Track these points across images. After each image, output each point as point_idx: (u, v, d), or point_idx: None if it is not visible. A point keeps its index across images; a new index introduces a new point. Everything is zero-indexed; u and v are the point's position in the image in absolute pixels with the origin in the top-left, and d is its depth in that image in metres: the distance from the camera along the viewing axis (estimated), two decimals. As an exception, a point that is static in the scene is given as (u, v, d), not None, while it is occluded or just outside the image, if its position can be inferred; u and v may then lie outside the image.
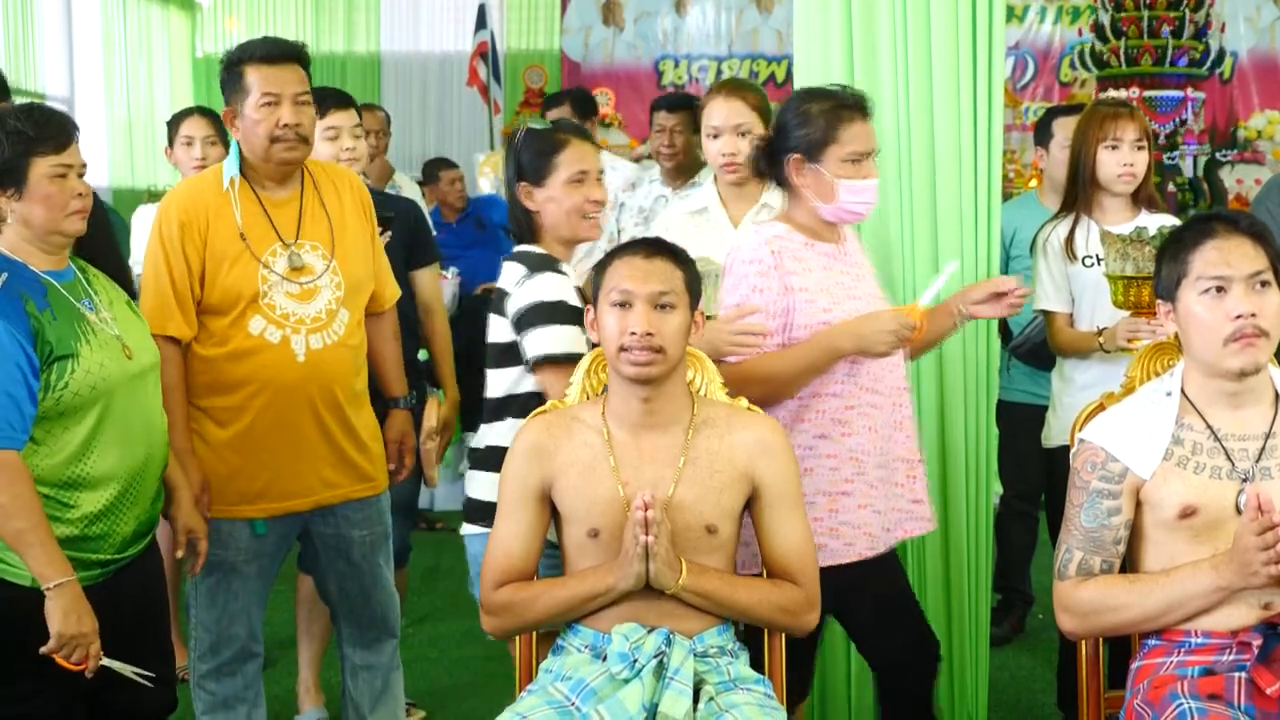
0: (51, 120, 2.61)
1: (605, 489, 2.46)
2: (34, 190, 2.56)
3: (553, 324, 2.77)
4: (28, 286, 2.56)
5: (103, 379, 2.58)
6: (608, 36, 10.29)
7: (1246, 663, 2.28)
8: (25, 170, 2.55)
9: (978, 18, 3.31)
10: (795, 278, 2.79)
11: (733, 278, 2.82)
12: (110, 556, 2.65)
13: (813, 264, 2.83)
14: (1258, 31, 9.62)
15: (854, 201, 2.82)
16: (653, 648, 2.37)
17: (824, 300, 2.80)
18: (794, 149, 2.82)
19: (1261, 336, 2.32)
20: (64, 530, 2.56)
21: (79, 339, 2.57)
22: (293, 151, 3.02)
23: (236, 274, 2.97)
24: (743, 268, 2.81)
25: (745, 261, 2.82)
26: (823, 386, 2.80)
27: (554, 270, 2.83)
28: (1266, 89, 9.61)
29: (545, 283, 2.80)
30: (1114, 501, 2.40)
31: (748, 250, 2.83)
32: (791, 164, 2.83)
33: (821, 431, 2.81)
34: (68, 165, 2.59)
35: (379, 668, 3.37)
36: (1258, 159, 9.43)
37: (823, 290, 2.81)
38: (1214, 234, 2.37)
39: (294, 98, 3.00)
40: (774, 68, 10.06)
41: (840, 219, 2.87)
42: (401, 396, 3.40)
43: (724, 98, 3.37)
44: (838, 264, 2.87)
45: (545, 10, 10.47)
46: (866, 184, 2.82)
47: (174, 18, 10.17)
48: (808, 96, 2.87)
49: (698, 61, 10.22)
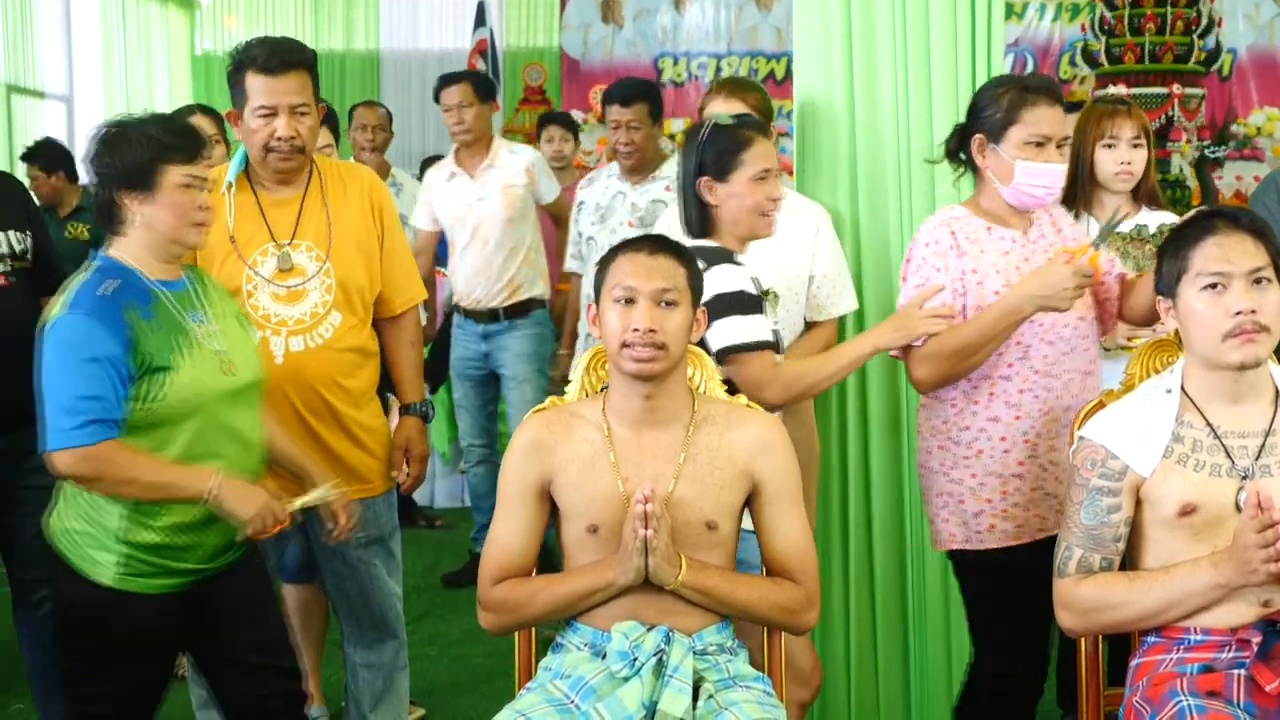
0: (185, 131, 2.66)
1: (605, 485, 2.46)
2: (163, 197, 2.59)
3: (734, 314, 2.79)
4: (135, 295, 2.58)
5: (197, 393, 2.58)
6: (607, 34, 10.27)
7: (1246, 660, 2.28)
8: (156, 176, 2.58)
9: (976, 15, 3.31)
10: (968, 259, 2.83)
11: (913, 261, 2.87)
12: (195, 566, 2.66)
13: (989, 247, 2.85)
14: (1256, 28, 9.61)
15: (1031, 184, 2.82)
16: (652, 646, 2.37)
17: (996, 283, 2.82)
18: (978, 130, 2.86)
19: (1261, 332, 2.32)
20: (149, 537, 2.58)
21: (177, 351, 2.57)
22: (287, 162, 3.02)
23: (223, 275, 2.98)
24: (921, 250, 2.86)
25: (923, 244, 2.87)
26: (994, 369, 2.83)
27: (730, 262, 2.84)
28: (1265, 86, 9.59)
29: (723, 274, 2.81)
30: (1114, 499, 2.40)
31: (926, 233, 2.88)
32: (975, 145, 2.87)
33: (994, 414, 2.84)
34: (198, 177, 2.62)
35: (380, 667, 3.37)
36: (1257, 156, 9.42)
37: (997, 273, 2.83)
38: (1215, 230, 2.38)
39: (291, 109, 2.98)
40: (773, 65, 10.05)
41: (1021, 203, 2.87)
42: (414, 403, 3.33)
43: (724, 97, 3.37)
44: (1020, 250, 2.88)
45: (544, 7, 10.46)
46: (1046, 168, 2.81)
47: (173, 15, 10.16)
48: (999, 80, 2.92)
49: (697, 59, 10.20)
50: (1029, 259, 2.87)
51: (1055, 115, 2.81)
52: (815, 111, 3.47)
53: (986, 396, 2.85)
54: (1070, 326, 2.87)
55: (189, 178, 2.60)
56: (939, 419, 2.91)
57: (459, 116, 5.06)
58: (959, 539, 2.90)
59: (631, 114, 4.61)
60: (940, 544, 2.96)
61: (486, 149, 5.11)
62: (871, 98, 3.38)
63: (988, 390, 2.85)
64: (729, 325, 2.79)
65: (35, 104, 8.72)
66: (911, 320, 2.80)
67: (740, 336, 2.79)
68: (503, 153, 5.13)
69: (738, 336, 2.79)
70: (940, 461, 2.91)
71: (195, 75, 10.30)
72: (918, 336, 2.81)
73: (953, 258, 2.83)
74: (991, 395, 2.85)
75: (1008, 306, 2.76)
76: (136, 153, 2.57)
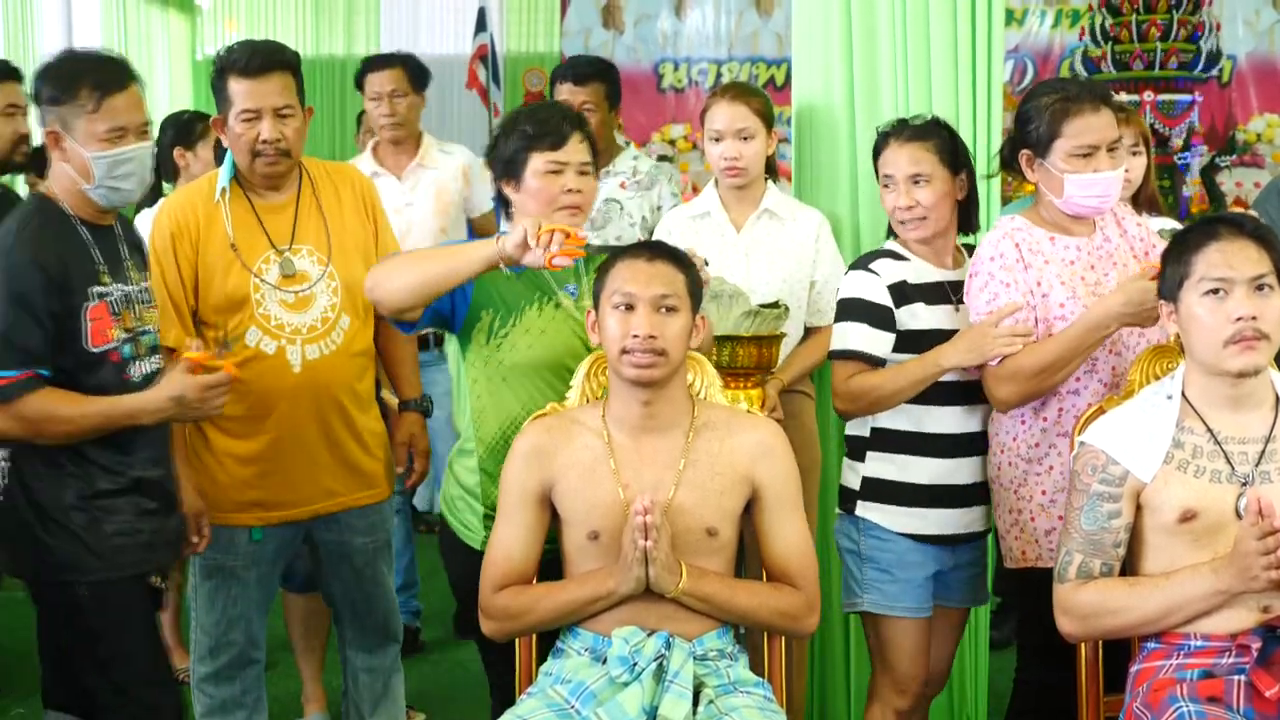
0: (550, 119, 2.77)
1: (605, 491, 2.46)
2: (528, 183, 2.73)
3: (846, 320, 2.83)
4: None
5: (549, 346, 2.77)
6: (607, 39, 10.26)
7: (1246, 665, 2.28)
8: (523, 164, 2.73)
9: (977, 21, 3.31)
10: (1033, 271, 2.76)
11: (979, 277, 2.79)
12: None
13: (1053, 258, 2.78)
14: (1257, 35, 9.60)
15: (1084, 196, 2.73)
16: (652, 651, 2.38)
17: (1061, 294, 2.75)
18: (1025, 145, 2.80)
19: (1262, 339, 2.32)
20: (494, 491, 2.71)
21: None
22: (274, 166, 3.00)
23: (230, 285, 2.97)
24: (987, 265, 2.78)
25: (988, 259, 2.79)
26: (1062, 384, 2.76)
27: (865, 269, 2.85)
28: (1266, 92, 9.58)
29: (852, 279, 2.86)
30: (1114, 504, 2.40)
31: (990, 246, 2.80)
32: (1024, 160, 2.81)
33: (1064, 430, 2.77)
34: (562, 162, 2.72)
35: (380, 671, 3.37)
36: (1257, 163, 9.42)
37: (1062, 284, 2.75)
38: (1218, 236, 2.38)
39: (275, 111, 2.96)
40: (774, 70, 10.04)
41: (1077, 213, 2.80)
42: (413, 399, 3.34)
43: (727, 102, 3.36)
44: (1085, 257, 2.81)
45: (545, 13, 10.45)
46: (1096, 178, 2.72)
47: (174, 20, 10.15)
48: (1041, 89, 2.82)
49: (697, 64, 10.20)
50: (1094, 266, 2.80)
51: (1101, 121, 2.71)
52: (814, 118, 3.47)
53: (1055, 412, 2.78)
54: (1137, 336, 2.80)
55: (553, 163, 2.72)
56: (1008, 435, 2.83)
57: (389, 107, 4.39)
58: (1030, 557, 2.82)
59: (586, 94, 4.08)
60: (1011, 561, 2.87)
61: (416, 146, 4.46)
62: (871, 104, 3.38)
63: (1056, 406, 2.78)
64: (838, 329, 2.87)
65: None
66: (987, 339, 2.71)
67: (838, 342, 2.86)
68: (434, 151, 4.49)
69: (836, 341, 2.86)
70: (1010, 478, 2.83)
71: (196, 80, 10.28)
72: (994, 357, 2.72)
73: (1019, 271, 2.75)
74: (1061, 411, 2.78)
75: (1093, 321, 2.67)
76: (508, 145, 2.74)
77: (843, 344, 2.84)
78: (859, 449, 2.92)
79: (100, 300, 2.63)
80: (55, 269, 2.57)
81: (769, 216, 3.38)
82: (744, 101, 3.36)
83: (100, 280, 2.65)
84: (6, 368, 2.54)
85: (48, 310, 2.55)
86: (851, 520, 2.93)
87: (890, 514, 2.87)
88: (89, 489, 2.63)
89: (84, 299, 2.61)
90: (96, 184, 2.63)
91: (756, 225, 3.38)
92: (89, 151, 2.60)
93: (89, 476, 2.64)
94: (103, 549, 2.64)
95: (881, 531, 2.88)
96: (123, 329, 2.67)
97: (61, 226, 2.64)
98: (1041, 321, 2.75)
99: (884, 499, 2.88)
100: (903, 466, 2.87)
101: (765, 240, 3.37)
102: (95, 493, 2.64)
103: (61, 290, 2.57)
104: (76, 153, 2.61)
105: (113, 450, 2.65)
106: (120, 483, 2.67)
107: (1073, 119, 2.72)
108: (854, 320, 2.83)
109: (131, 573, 2.72)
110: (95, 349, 2.62)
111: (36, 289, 2.54)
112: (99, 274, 2.65)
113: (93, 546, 2.64)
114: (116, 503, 2.66)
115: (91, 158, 2.60)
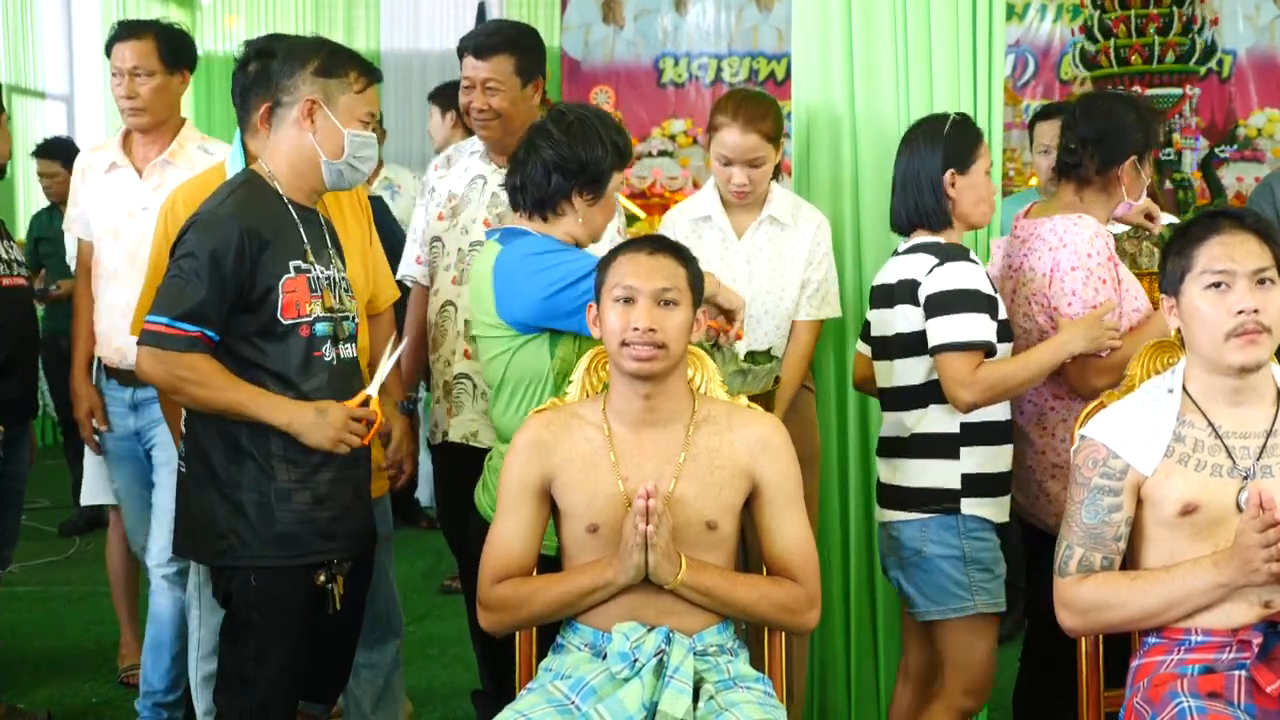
0: (629, 141, 2.89)
1: (605, 485, 2.46)
2: (606, 200, 2.85)
3: (958, 311, 2.81)
4: None
5: None
6: (608, 34, 10.27)
7: (1246, 661, 2.28)
8: (606, 182, 2.82)
9: (978, 15, 3.31)
10: (1120, 269, 2.94)
11: (1080, 271, 2.90)
12: None
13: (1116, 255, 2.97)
14: (1257, 30, 9.61)
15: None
16: (653, 646, 2.37)
17: (1135, 290, 2.95)
18: (1133, 150, 3.00)
19: (1263, 333, 2.32)
20: None
21: None
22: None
23: None
24: (1085, 261, 2.90)
25: (1086, 255, 2.90)
26: None
27: (967, 259, 2.86)
28: (1266, 87, 9.59)
29: (959, 270, 2.84)
30: (1115, 498, 2.40)
31: (1084, 244, 2.92)
32: (1129, 165, 3.01)
33: None
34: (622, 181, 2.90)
35: (381, 666, 3.37)
36: (1257, 157, 9.43)
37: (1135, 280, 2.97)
38: (1219, 229, 2.38)
39: None
40: (774, 65, 10.05)
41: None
42: (399, 401, 3.32)
43: (739, 130, 3.21)
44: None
45: (545, 8, 10.45)
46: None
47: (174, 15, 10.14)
48: (1138, 99, 3.10)
49: (698, 59, 10.20)
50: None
51: None
52: (815, 115, 3.46)
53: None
54: None
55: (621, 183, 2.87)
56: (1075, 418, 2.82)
57: (130, 87, 3.55)
58: None
59: (489, 70, 3.33)
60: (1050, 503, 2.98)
61: (170, 137, 3.63)
62: (872, 100, 3.37)
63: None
64: (948, 322, 2.81)
65: (35, 104, 8.73)
66: (1101, 330, 2.83)
67: (954, 334, 2.80)
68: (191, 147, 3.64)
69: (952, 334, 2.80)
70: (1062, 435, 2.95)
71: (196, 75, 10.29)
72: (1105, 349, 2.85)
73: (1111, 268, 2.91)
74: None
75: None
76: (604, 159, 2.80)
77: (966, 335, 2.80)
78: (946, 446, 2.87)
79: (299, 274, 2.67)
80: (256, 237, 2.60)
81: (771, 223, 3.35)
82: (755, 129, 3.21)
83: (304, 257, 2.68)
84: (181, 320, 2.57)
85: (237, 275, 2.58)
86: (950, 521, 2.87)
87: (994, 507, 2.90)
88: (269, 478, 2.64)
89: (284, 270, 2.64)
90: (343, 159, 2.70)
91: (758, 232, 3.34)
92: (347, 128, 2.68)
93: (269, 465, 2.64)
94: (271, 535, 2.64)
95: (982, 529, 2.88)
96: (322, 307, 2.69)
97: (271, 200, 2.69)
98: (1124, 315, 2.90)
99: (987, 493, 2.89)
100: (997, 457, 2.91)
101: (767, 247, 3.34)
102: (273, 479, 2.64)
103: (259, 258, 2.61)
104: (332, 126, 2.68)
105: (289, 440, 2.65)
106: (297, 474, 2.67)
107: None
108: (973, 311, 2.81)
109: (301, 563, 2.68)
110: (286, 320, 2.64)
111: (231, 251, 2.58)
112: (304, 252, 2.69)
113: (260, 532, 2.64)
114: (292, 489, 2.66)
115: (349, 134, 2.68)
